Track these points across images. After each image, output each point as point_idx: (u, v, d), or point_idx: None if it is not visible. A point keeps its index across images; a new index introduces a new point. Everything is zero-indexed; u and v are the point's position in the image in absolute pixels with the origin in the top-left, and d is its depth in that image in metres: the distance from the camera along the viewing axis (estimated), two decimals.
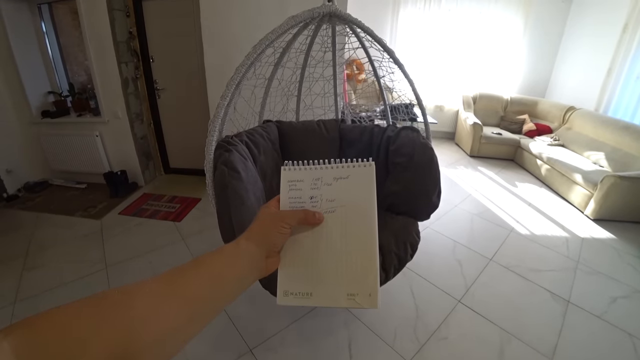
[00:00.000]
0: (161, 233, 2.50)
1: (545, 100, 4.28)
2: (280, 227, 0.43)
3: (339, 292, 0.43)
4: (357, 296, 0.42)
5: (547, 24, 4.13)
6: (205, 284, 0.36)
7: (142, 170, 3.31)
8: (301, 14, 1.26)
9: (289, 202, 0.47)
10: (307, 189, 0.48)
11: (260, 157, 1.66)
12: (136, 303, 0.30)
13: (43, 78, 3.26)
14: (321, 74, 1.87)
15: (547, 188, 3.37)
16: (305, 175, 0.48)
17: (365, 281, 0.43)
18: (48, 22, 3.20)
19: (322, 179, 0.47)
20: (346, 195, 0.46)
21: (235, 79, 1.28)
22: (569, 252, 2.34)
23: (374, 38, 1.41)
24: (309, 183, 0.48)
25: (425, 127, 1.71)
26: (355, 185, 0.46)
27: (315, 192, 0.47)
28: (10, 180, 3.11)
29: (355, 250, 0.44)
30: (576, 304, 1.86)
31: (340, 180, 0.47)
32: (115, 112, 3.06)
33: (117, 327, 0.27)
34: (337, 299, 0.43)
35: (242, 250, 0.41)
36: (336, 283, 0.44)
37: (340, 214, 0.46)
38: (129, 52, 3.03)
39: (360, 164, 0.47)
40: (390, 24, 4.51)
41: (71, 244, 2.36)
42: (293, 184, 0.48)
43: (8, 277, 2.01)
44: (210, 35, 2.59)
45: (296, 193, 0.48)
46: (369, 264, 0.43)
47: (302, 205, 0.47)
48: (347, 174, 0.47)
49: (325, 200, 0.47)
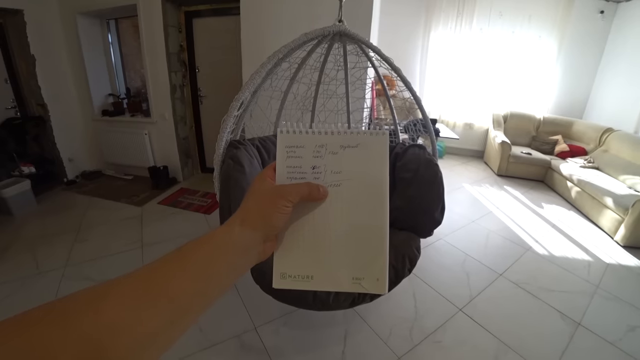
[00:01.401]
0: (192, 223, 2.78)
1: (581, 121, 4.11)
2: (282, 206, 0.36)
3: (344, 276, 0.39)
4: (364, 280, 0.39)
5: (586, 43, 4.01)
6: (190, 280, 0.30)
7: (181, 167, 3.67)
8: (313, 32, 1.43)
9: (286, 172, 0.41)
10: (308, 156, 0.41)
11: (269, 161, 1.73)
12: (106, 307, 0.25)
13: (105, 82, 3.78)
14: (335, 91, 2.01)
15: (576, 211, 3.24)
16: (307, 140, 0.41)
17: (373, 265, 0.39)
18: (114, 34, 3.73)
19: (327, 147, 0.41)
20: (354, 167, 0.41)
21: (249, 85, 1.41)
22: (589, 276, 2.25)
23: (382, 57, 1.55)
24: (311, 150, 0.41)
25: (432, 145, 1.80)
26: (365, 156, 0.41)
27: (319, 161, 0.41)
28: (71, 167, 3.62)
29: (363, 230, 0.40)
30: (587, 327, 1.81)
31: (348, 149, 0.41)
32: (163, 115, 3.44)
33: (85, 337, 0.23)
34: (341, 283, 0.39)
35: (236, 236, 0.35)
36: (340, 265, 0.40)
37: (347, 188, 0.40)
38: (179, 62, 3.43)
39: (373, 131, 0.41)
40: (421, 45, 4.62)
41: (115, 225, 2.72)
42: (292, 150, 0.41)
43: (62, 246, 2.39)
44: (249, 49, 2.86)
45: (295, 161, 0.41)
46: (378, 246, 0.40)
47: (303, 177, 0.41)
48: (356, 142, 0.41)
49: (329, 172, 0.41)
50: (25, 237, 2.53)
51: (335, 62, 1.85)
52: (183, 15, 3.29)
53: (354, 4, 2.38)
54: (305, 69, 1.83)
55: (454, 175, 4.16)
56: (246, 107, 1.62)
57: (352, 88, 2.09)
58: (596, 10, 3.85)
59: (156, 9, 3.03)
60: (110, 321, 0.25)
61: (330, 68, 1.91)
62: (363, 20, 2.47)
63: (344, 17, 1.47)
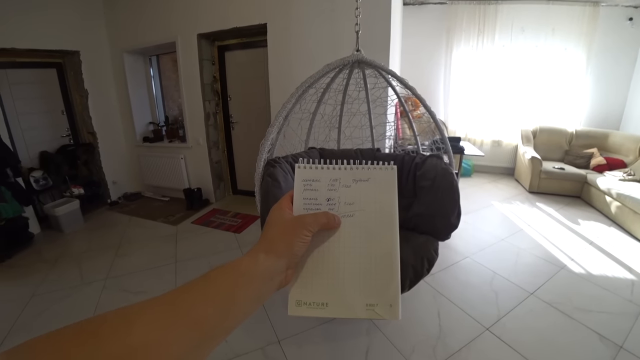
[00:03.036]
0: (223, 241, 2.93)
1: (618, 132, 3.91)
2: (303, 235, 0.39)
3: (357, 303, 0.40)
4: (377, 307, 0.40)
5: (616, 52, 3.87)
6: (214, 306, 0.31)
7: (214, 189, 3.88)
8: (334, 62, 1.58)
9: (303, 204, 0.43)
10: (323, 189, 0.44)
11: None
12: (136, 329, 0.27)
13: (147, 111, 4.16)
14: (357, 109, 2.16)
15: (617, 227, 3.04)
16: (322, 174, 0.45)
17: (386, 291, 0.40)
18: (155, 68, 4.14)
19: (340, 180, 0.44)
20: (366, 199, 0.44)
21: (281, 112, 1.62)
22: (633, 296, 2.10)
23: (396, 78, 1.65)
24: (326, 183, 0.44)
25: (448, 155, 1.84)
26: (376, 189, 0.44)
27: (333, 193, 0.44)
28: (115, 189, 3.96)
29: (375, 257, 0.42)
30: (631, 352, 1.68)
31: (360, 183, 0.44)
32: (197, 140, 3.71)
33: (115, 356, 0.25)
34: (355, 310, 0.40)
35: (261, 265, 0.36)
36: (354, 293, 0.41)
37: (360, 218, 0.43)
38: (212, 92, 3.72)
39: (382, 166, 0.44)
40: (444, 64, 4.67)
41: (152, 242, 2.93)
42: (308, 184, 0.44)
43: (104, 260, 2.63)
44: (276, 78, 3.07)
45: (312, 194, 0.44)
46: (390, 273, 0.41)
47: (318, 208, 0.43)
48: (367, 176, 0.44)
49: (343, 203, 0.44)
50: (73, 251, 2.81)
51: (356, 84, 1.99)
52: (216, 49, 3.60)
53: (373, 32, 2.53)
54: (330, 92, 2.00)
55: (482, 193, 4.06)
56: (279, 130, 1.78)
57: (374, 106, 2.23)
58: (624, 17, 3.74)
59: (192, 45, 3.35)
60: (139, 343, 0.26)
61: (352, 89, 2.06)
62: (381, 46, 2.60)
63: (364, 45, 1.61)
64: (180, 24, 3.36)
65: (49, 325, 1.92)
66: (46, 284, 2.32)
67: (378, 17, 2.53)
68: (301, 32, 2.82)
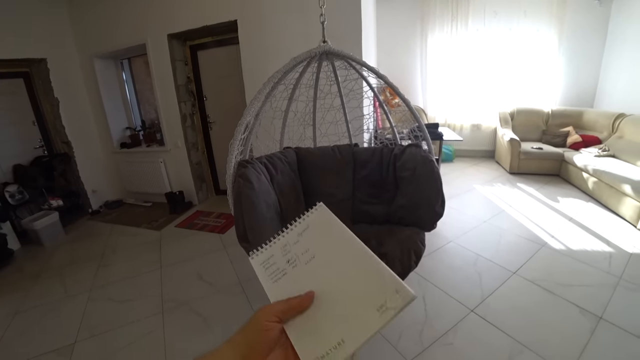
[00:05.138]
0: (208, 242, 2.90)
1: (592, 110, 4.00)
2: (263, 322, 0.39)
3: (369, 316, 0.39)
4: (387, 302, 0.39)
5: (586, 31, 3.94)
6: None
7: (196, 191, 3.83)
8: (301, 55, 1.54)
9: (271, 280, 0.47)
10: (280, 259, 0.48)
11: (277, 176, 1.84)
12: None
13: (122, 117, 4.06)
14: (331, 104, 2.12)
15: (594, 202, 3.12)
16: (273, 250, 0.49)
17: (384, 284, 0.41)
18: (127, 72, 4.03)
19: (289, 243, 0.49)
20: (316, 240, 0.48)
21: (249, 110, 1.55)
22: (611, 268, 2.17)
23: (367, 68, 1.63)
24: (280, 253, 0.49)
25: (427, 142, 1.84)
26: (319, 228, 0.49)
27: (289, 255, 0.48)
28: (95, 198, 3.87)
29: (357, 270, 0.43)
30: (610, 321, 1.74)
31: (304, 233, 0.49)
32: (176, 143, 3.65)
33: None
34: (372, 323, 0.39)
35: (218, 354, 0.38)
36: (359, 311, 0.40)
37: (322, 255, 0.47)
38: (187, 93, 3.64)
39: (311, 210, 0.50)
40: (419, 51, 4.70)
41: (136, 249, 2.88)
42: (267, 264, 0.49)
43: (88, 271, 2.57)
44: (250, 75, 3.02)
45: (273, 268, 0.48)
46: (376, 269, 0.42)
47: (285, 272, 0.47)
48: (306, 224, 0.49)
49: (300, 255, 0.48)
50: (55, 264, 2.73)
51: (327, 77, 1.95)
52: (188, 49, 3.52)
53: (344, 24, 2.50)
54: (301, 88, 1.95)
55: (464, 177, 4.11)
56: (251, 130, 1.74)
57: (347, 99, 2.19)
58: None
59: (163, 46, 3.27)
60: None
61: (323, 84, 2.02)
62: (353, 37, 2.58)
63: (336, 37, 1.57)
64: (149, 25, 3.27)
65: (33, 342, 1.87)
66: (29, 300, 2.26)
67: (349, 8, 2.50)
68: (272, 27, 2.78)
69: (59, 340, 1.86)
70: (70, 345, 1.82)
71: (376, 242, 1.56)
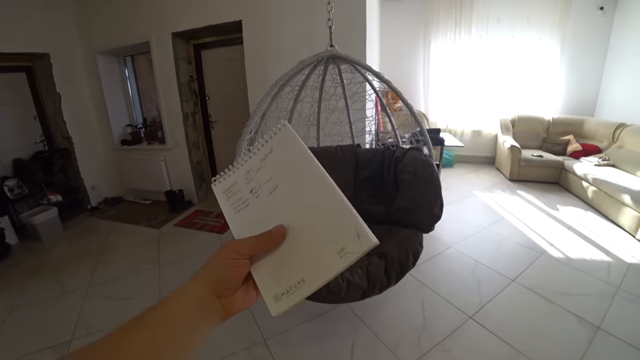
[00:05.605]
0: (206, 242, 2.89)
1: (593, 119, 4.02)
2: (230, 259, 0.38)
3: (329, 258, 0.37)
4: (347, 247, 0.37)
5: (589, 40, 3.96)
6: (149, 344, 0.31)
7: (196, 190, 3.82)
8: (308, 58, 1.56)
9: (234, 211, 0.44)
10: (243, 187, 0.45)
11: None
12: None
13: (124, 114, 4.05)
14: (335, 105, 2.14)
15: (594, 211, 3.13)
16: (236, 176, 0.46)
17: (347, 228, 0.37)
18: (130, 69, 4.03)
19: (252, 169, 0.45)
20: (279, 167, 0.43)
21: (257, 111, 1.59)
22: (609, 278, 2.17)
23: (372, 72, 1.64)
24: (243, 180, 0.45)
25: (428, 147, 1.85)
26: (283, 152, 0.43)
27: (252, 183, 0.44)
28: (94, 194, 3.85)
29: (320, 207, 0.40)
30: (608, 331, 1.74)
31: (268, 157, 0.44)
32: (177, 141, 3.64)
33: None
34: (331, 266, 0.37)
35: (189, 294, 0.36)
36: (319, 251, 0.38)
37: (285, 185, 0.42)
38: (190, 91, 3.64)
39: (274, 129, 0.44)
40: (422, 57, 4.72)
41: (135, 247, 2.87)
42: (229, 192, 0.46)
43: (86, 268, 2.56)
44: (253, 75, 3.01)
45: (236, 197, 0.45)
46: (341, 210, 0.38)
47: (247, 203, 0.44)
48: (269, 147, 0.44)
49: (263, 184, 0.43)
50: (53, 260, 2.72)
51: (332, 80, 1.97)
52: (192, 48, 3.52)
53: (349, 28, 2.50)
54: (307, 89, 1.97)
55: (464, 183, 4.12)
56: (257, 130, 1.75)
57: (351, 101, 2.21)
58: (595, 7, 3.82)
59: (167, 44, 3.27)
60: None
61: (329, 86, 2.04)
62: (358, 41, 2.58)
63: (341, 41, 1.59)
64: (153, 23, 3.27)
65: (28, 338, 1.86)
66: (26, 295, 2.25)
67: (354, 13, 2.50)
68: (277, 28, 2.78)
69: (56, 337, 1.85)
70: (66, 343, 1.81)
71: None
